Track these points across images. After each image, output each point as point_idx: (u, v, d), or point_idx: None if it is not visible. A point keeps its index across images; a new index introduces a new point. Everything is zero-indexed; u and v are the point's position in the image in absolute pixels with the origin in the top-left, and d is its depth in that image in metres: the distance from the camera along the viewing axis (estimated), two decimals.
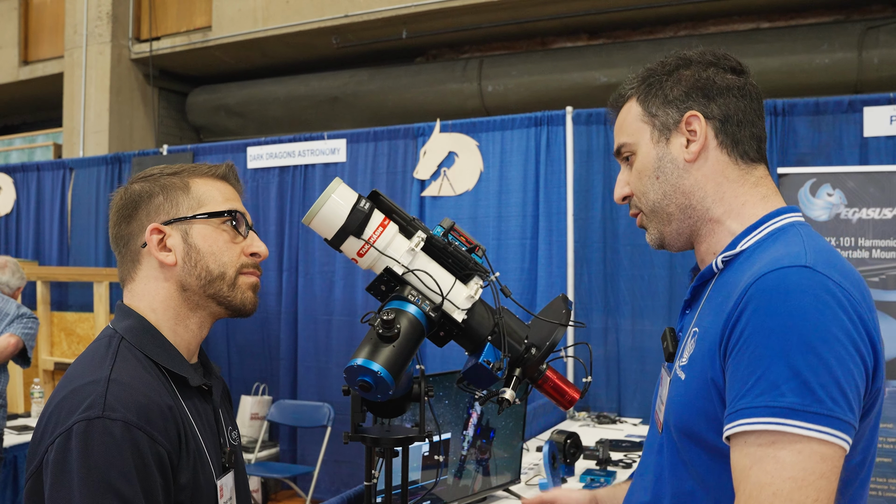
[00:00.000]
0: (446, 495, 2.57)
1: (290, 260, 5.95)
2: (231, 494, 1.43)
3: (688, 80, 1.31)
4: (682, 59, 1.34)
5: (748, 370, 1.07)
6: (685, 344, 1.28)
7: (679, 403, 1.23)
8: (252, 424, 5.97)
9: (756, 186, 1.30)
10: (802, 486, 1.02)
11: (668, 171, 1.32)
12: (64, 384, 1.31)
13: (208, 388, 1.44)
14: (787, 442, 1.03)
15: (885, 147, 4.33)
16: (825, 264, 1.11)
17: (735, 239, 1.27)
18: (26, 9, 8.98)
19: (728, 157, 1.30)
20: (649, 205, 1.35)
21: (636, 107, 1.36)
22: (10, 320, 4.23)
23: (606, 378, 4.84)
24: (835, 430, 1.03)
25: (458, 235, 1.48)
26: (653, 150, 1.33)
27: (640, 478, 1.37)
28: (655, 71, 1.36)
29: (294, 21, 7.25)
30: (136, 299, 1.43)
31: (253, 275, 1.46)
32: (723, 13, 6.64)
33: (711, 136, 1.30)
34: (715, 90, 1.30)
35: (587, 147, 4.98)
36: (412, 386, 1.54)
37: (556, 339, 1.50)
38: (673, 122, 1.32)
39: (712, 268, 1.28)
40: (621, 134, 1.39)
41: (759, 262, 1.16)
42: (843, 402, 1.04)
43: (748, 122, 1.30)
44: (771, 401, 1.04)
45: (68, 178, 6.98)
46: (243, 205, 1.51)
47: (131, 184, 1.46)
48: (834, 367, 1.04)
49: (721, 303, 1.19)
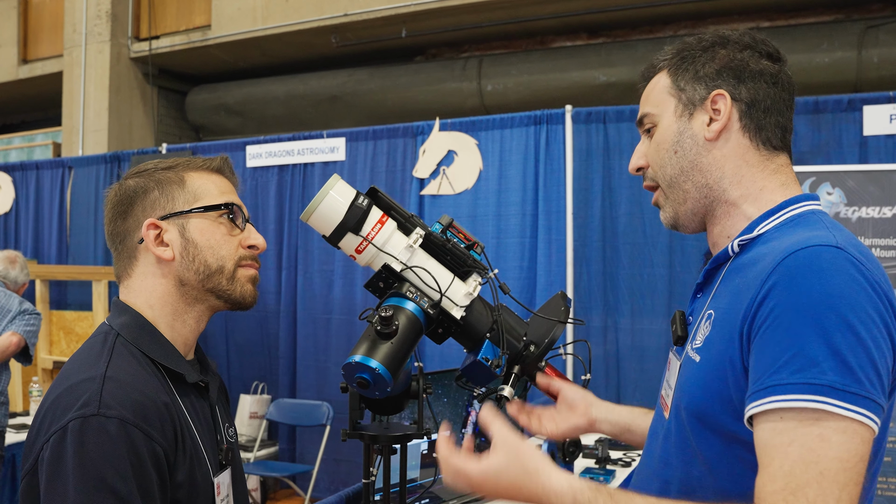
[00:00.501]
0: (445, 493, 2.56)
1: (290, 258, 5.95)
2: (228, 492, 1.42)
3: (722, 58, 1.30)
4: (720, 37, 1.32)
5: (780, 347, 1.05)
6: (698, 327, 1.26)
7: (693, 385, 1.21)
8: (251, 423, 5.97)
9: (776, 173, 1.29)
10: (847, 468, 1.00)
11: (686, 146, 1.30)
12: (59, 381, 1.30)
13: (205, 384, 1.43)
14: (830, 420, 1.00)
15: (885, 146, 4.32)
16: (853, 248, 1.10)
17: (752, 223, 1.26)
18: (25, 7, 8.97)
19: (750, 141, 1.28)
20: (666, 179, 1.33)
21: (665, 79, 1.35)
22: (11, 317, 4.21)
23: (606, 376, 4.84)
24: (871, 413, 1.01)
25: (456, 232, 1.48)
26: (675, 123, 1.32)
27: (646, 466, 1.35)
28: (691, 46, 1.34)
29: (293, 20, 7.25)
30: (132, 295, 1.42)
31: (251, 267, 1.45)
32: (722, 12, 6.64)
33: (735, 118, 1.28)
34: (747, 73, 1.28)
35: (586, 146, 4.98)
36: (410, 383, 1.54)
37: (554, 337, 1.50)
38: (699, 99, 1.30)
39: (728, 251, 1.26)
40: (646, 104, 1.38)
41: (784, 243, 1.13)
42: (878, 383, 1.03)
43: (775, 111, 1.29)
44: (812, 378, 1.01)
45: (67, 177, 6.97)
46: (242, 200, 1.50)
47: (126, 180, 1.45)
48: (871, 348, 1.02)
49: (739, 284, 1.17)
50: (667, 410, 1.30)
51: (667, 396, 1.32)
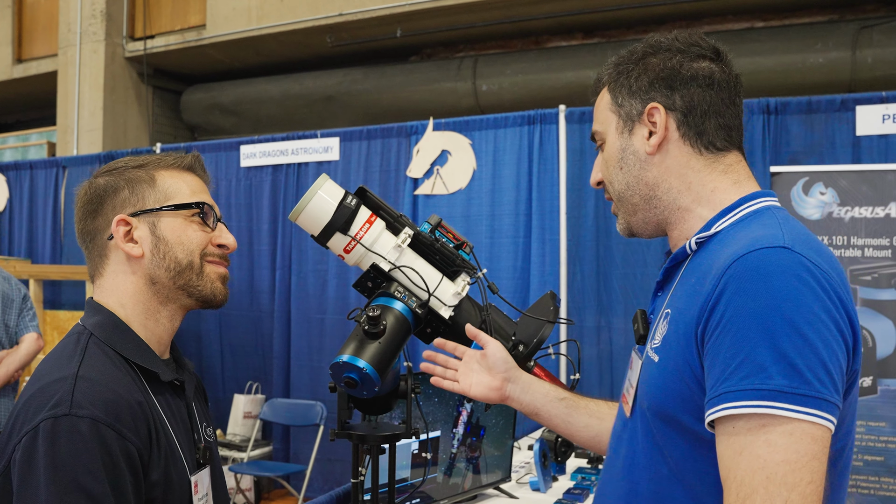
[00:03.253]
0: (436, 493, 2.56)
1: (283, 258, 5.94)
2: (207, 490, 1.41)
3: (653, 69, 1.29)
4: (652, 45, 1.32)
5: (730, 353, 1.06)
6: (657, 326, 1.26)
7: (653, 385, 1.21)
8: (245, 423, 5.96)
9: (726, 173, 1.28)
10: (796, 469, 1.01)
11: (630, 162, 1.31)
12: (32, 382, 1.29)
13: (180, 383, 1.43)
14: (777, 425, 1.02)
15: (878, 146, 4.33)
16: (803, 245, 1.10)
17: (709, 221, 1.25)
18: (20, 7, 8.95)
19: (691, 148, 1.28)
20: (616, 193, 1.35)
21: (606, 95, 1.35)
22: (17, 309, 4.01)
23: (599, 376, 4.84)
24: (823, 412, 1.02)
25: (445, 232, 1.48)
26: (617, 140, 1.32)
27: (612, 467, 1.34)
28: (626, 59, 1.34)
29: (288, 20, 7.25)
30: (105, 295, 1.41)
31: (220, 265, 1.44)
32: (717, 12, 6.65)
33: (673, 127, 1.28)
34: (679, 80, 1.27)
35: (580, 145, 4.98)
36: (399, 383, 1.54)
37: (543, 336, 1.50)
38: (636, 114, 1.30)
39: (685, 249, 1.27)
40: (595, 121, 1.39)
41: (736, 244, 1.14)
42: (830, 383, 1.03)
43: (714, 113, 1.27)
44: (759, 383, 1.02)
45: (62, 177, 6.96)
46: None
47: (96, 178, 1.44)
48: (819, 348, 1.03)
49: (695, 284, 1.17)
50: (628, 409, 1.30)
51: (629, 395, 1.32)
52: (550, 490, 2.88)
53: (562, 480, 3.02)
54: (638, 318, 1.36)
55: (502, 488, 2.88)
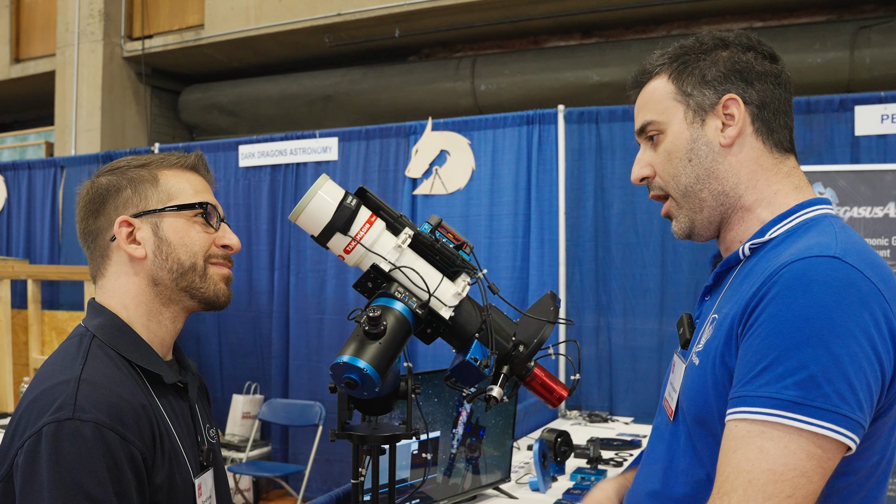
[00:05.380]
0: (436, 494, 2.56)
1: (282, 259, 5.94)
2: (210, 493, 1.40)
3: (726, 61, 1.27)
4: (720, 39, 1.30)
5: (756, 357, 1.06)
6: (703, 330, 1.25)
7: (692, 390, 1.21)
8: (243, 423, 5.95)
9: (788, 176, 1.28)
10: (779, 481, 1.01)
11: (702, 154, 1.28)
12: (34, 385, 1.27)
13: (183, 385, 1.42)
14: (776, 433, 1.02)
15: (877, 146, 4.33)
16: (855, 256, 1.08)
17: (764, 227, 1.24)
18: (18, 6, 8.94)
19: (763, 144, 1.27)
20: (680, 189, 1.30)
21: (667, 84, 1.31)
22: None
23: (598, 377, 4.84)
24: (838, 427, 1.01)
25: (445, 232, 1.47)
26: (686, 131, 1.29)
27: (647, 466, 1.34)
28: (691, 49, 1.31)
29: (287, 19, 7.24)
30: (107, 296, 1.40)
31: (224, 266, 1.43)
32: (715, 12, 6.65)
33: (748, 121, 1.26)
34: (754, 75, 1.26)
35: (579, 145, 4.98)
36: (399, 383, 1.54)
37: (543, 337, 1.50)
38: (709, 104, 1.27)
39: (738, 254, 1.25)
40: (647, 111, 1.34)
41: (789, 251, 1.13)
42: (852, 399, 1.02)
43: (783, 112, 1.28)
44: (774, 392, 1.03)
45: (60, 177, 6.95)
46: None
47: (97, 177, 1.42)
48: (845, 364, 1.02)
49: (745, 290, 1.15)
50: (671, 413, 1.30)
51: (671, 399, 1.31)
52: (550, 490, 2.88)
53: (561, 481, 3.02)
54: (684, 322, 1.35)
55: (502, 489, 2.88)
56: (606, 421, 4.44)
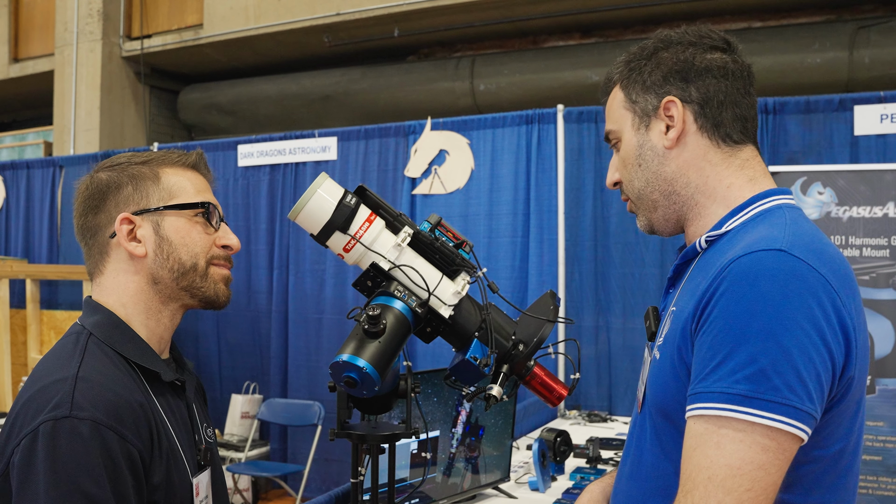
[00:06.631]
0: (435, 493, 2.56)
1: (281, 258, 5.94)
2: (207, 492, 1.39)
3: (666, 63, 1.29)
4: (663, 40, 1.32)
5: (709, 354, 1.08)
6: (664, 323, 1.27)
7: (654, 383, 1.23)
8: (242, 423, 5.95)
9: (742, 169, 1.28)
10: (737, 475, 1.03)
11: (648, 158, 1.31)
12: (31, 383, 1.26)
13: (181, 383, 1.41)
14: (730, 429, 1.04)
15: (876, 146, 4.33)
16: (803, 248, 1.09)
17: (721, 220, 1.26)
18: (17, 6, 8.94)
19: (709, 140, 1.28)
20: (635, 192, 1.34)
21: (619, 93, 1.35)
22: None
23: (597, 376, 4.84)
24: (789, 419, 1.03)
25: (445, 231, 1.47)
26: (634, 137, 1.32)
27: (623, 464, 1.36)
28: (637, 55, 1.34)
29: (286, 19, 7.24)
30: (104, 294, 1.39)
31: (224, 267, 1.42)
32: (715, 12, 6.65)
33: (690, 120, 1.28)
34: (693, 72, 1.27)
35: (578, 145, 4.98)
36: (399, 382, 1.53)
37: (543, 336, 1.50)
38: (652, 109, 1.30)
39: (696, 247, 1.27)
40: (608, 120, 1.38)
41: (738, 246, 1.14)
42: (802, 391, 1.03)
43: (730, 103, 1.27)
44: (726, 387, 1.05)
45: (58, 176, 6.95)
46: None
47: (97, 172, 1.41)
48: (794, 356, 1.03)
49: (698, 284, 1.17)
50: (639, 405, 1.32)
51: (639, 392, 1.34)
52: (549, 490, 2.88)
53: (561, 480, 3.01)
54: (650, 315, 1.36)
55: (501, 488, 2.87)
56: (605, 420, 4.44)
